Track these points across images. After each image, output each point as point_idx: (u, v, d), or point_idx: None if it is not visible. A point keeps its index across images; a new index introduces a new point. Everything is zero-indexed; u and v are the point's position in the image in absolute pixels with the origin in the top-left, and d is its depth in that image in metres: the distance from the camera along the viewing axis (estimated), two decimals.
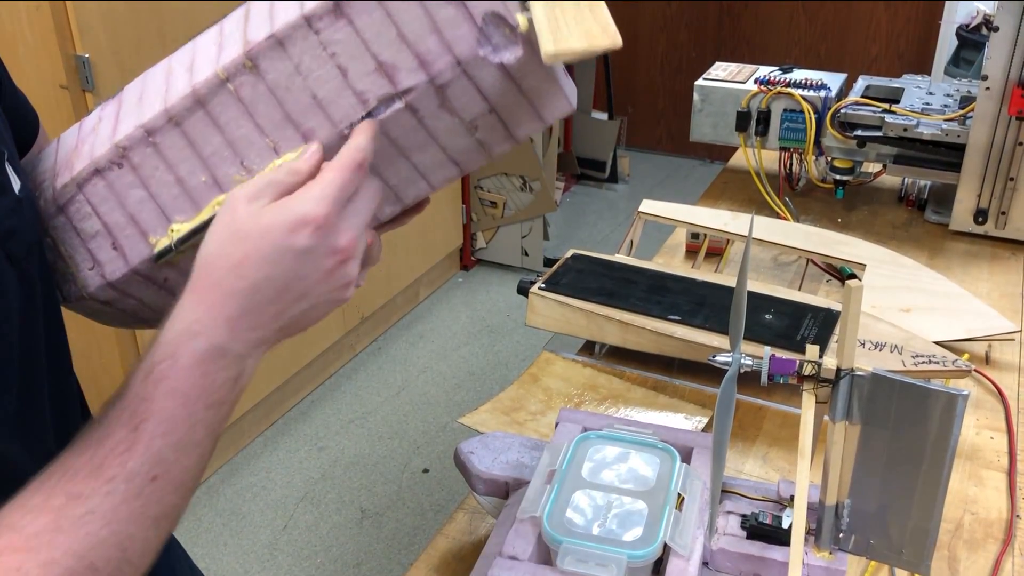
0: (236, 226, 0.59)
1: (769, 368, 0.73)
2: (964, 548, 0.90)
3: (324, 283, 0.60)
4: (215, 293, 0.59)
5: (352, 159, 0.61)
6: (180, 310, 0.59)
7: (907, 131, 1.46)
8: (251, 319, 0.59)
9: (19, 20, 1.84)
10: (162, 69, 0.70)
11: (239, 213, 0.59)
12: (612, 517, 0.74)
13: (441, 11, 0.61)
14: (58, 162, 0.70)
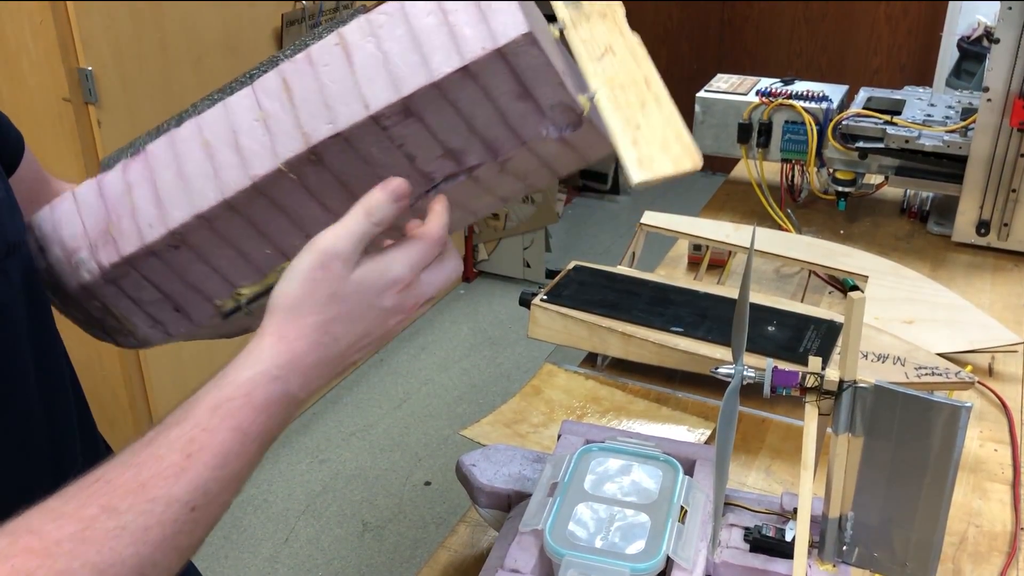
0: (334, 287, 0.61)
1: (772, 380, 0.73)
2: (968, 561, 0.90)
3: (384, 338, 0.64)
4: (302, 343, 0.60)
5: (439, 233, 0.64)
6: (261, 351, 0.60)
7: (909, 143, 1.47)
8: (323, 370, 0.61)
9: (23, 33, 1.84)
10: (196, 139, 0.66)
11: (334, 272, 0.61)
12: (615, 530, 0.74)
13: (513, 108, 0.62)
14: (89, 231, 0.69)
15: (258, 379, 0.58)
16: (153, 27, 2.01)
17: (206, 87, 2.33)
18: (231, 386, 0.58)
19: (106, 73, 1.92)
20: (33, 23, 1.83)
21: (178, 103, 2.21)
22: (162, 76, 2.07)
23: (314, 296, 0.60)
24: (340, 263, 0.60)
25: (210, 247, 0.66)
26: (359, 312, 0.61)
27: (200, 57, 2.15)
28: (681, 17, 4.35)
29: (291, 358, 0.60)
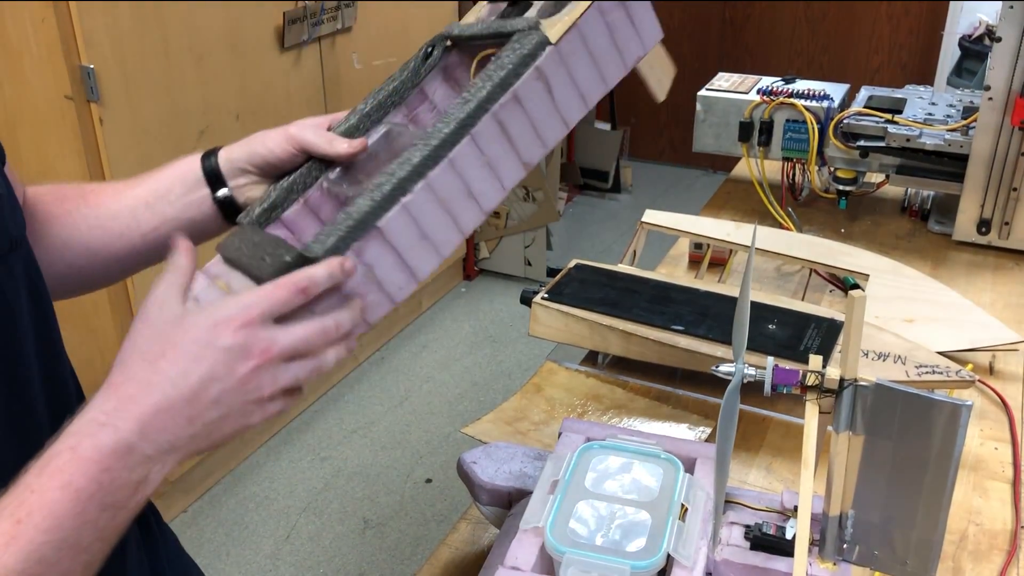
0: (156, 328, 0.59)
1: (772, 378, 0.73)
2: (969, 559, 0.90)
3: (238, 391, 0.59)
4: (130, 386, 0.57)
5: (294, 280, 0.62)
6: (91, 400, 0.57)
7: (910, 141, 1.47)
8: (163, 419, 0.57)
9: (25, 31, 1.84)
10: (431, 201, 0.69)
11: (150, 315, 0.59)
12: (615, 528, 0.74)
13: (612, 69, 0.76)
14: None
15: (84, 429, 0.55)
16: (155, 25, 2.01)
17: (208, 85, 2.34)
18: (60, 441, 0.55)
19: (108, 71, 1.92)
20: (35, 21, 1.83)
21: (180, 101, 2.22)
22: (164, 74, 2.07)
23: (137, 342, 0.58)
24: (157, 307, 0.59)
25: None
26: (192, 350, 0.57)
27: (202, 55, 2.16)
28: (682, 16, 4.35)
29: (118, 403, 0.56)
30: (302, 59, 2.48)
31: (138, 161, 2.03)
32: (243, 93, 2.30)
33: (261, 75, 2.35)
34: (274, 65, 2.39)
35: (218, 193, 0.81)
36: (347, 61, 2.65)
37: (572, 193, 4.22)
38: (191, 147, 2.16)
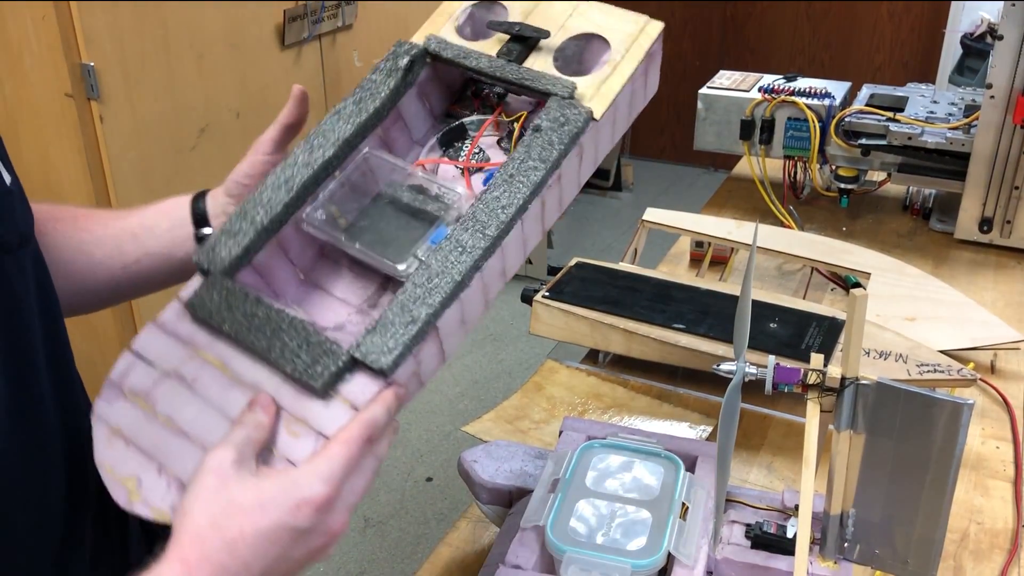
0: (230, 497, 0.56)
1: (773, 377, 0.73)
2: (970, 558, 0.90)
3: (309, 558, 0.59)
4: (205, 568, 0.55)
5: (362, 434, 0.59)
6: (162, 564, 0.55)
7: (911, 140, 1.46)
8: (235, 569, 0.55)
9: (25, 29, 1.84)
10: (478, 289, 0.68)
11: (230, 482, 0.56)
12: (616, 526, 0.74)
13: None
14: None
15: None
16: (155, 23, 2.01)
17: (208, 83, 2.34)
18: None
19: (108, 69, 1.92)
20: (36, 18, 1.83)
21: (180, 99, 2.21)
22: (164, 72, 2.07)
23: (214, 514, 0.56)
24: (228, 464, 0.57)
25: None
26: (269, 531, 0.56)
27: (202, 53, 2.15)
28: (684, 14, 4.34)
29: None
30: (302, 57, 2.48)
31: (138, 159, 2.03)
32: (243, 91, 2.30)
33: (261, 73, 2.35)
34: (275, 63, 2.39)
35: (201, 232, 0.82)
36: (348, 59, 2.64)
37: None
38: (191, 145, 2.17)
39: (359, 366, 0.62)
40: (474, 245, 0.66)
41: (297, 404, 0.62)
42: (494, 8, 0.81)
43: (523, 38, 0.77)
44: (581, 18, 0.79)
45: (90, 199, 1.92)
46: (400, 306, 0.63)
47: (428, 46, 0.78)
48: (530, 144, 0.70)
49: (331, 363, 0.61)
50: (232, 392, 0.63)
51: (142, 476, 0.60)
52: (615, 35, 0.77)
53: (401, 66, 0.76)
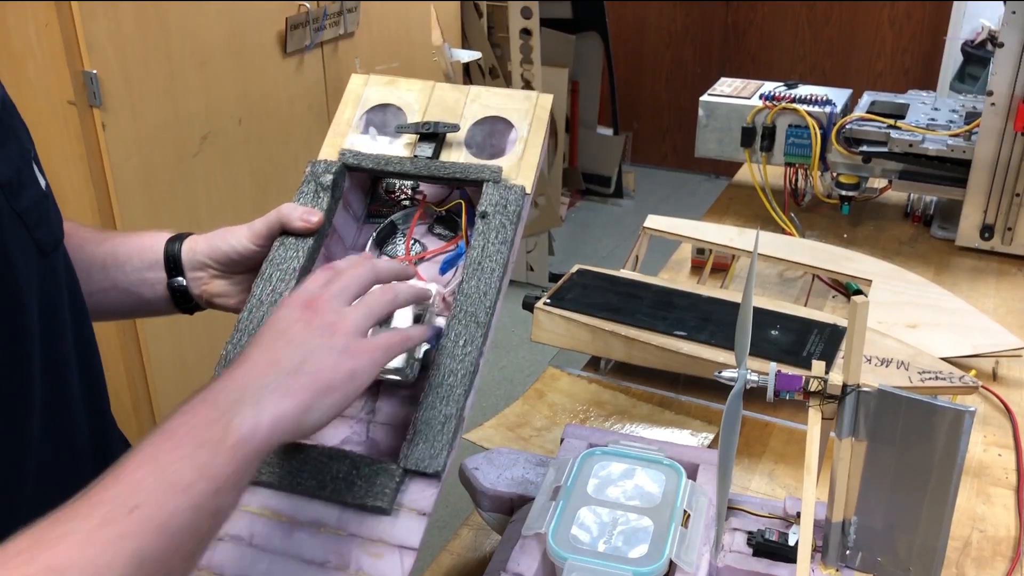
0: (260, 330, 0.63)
1: (775, 384, 0.73)
2: (972, 566, 0.90)
3: (306, 329, 0.61)
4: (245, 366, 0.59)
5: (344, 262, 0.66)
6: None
7: (912, 147, 1.46)
8: (246, 371, 0.59)
9: (28, 36, 1.85)
10: None
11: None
12: (618, 534, 0.73)
13: None
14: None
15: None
16: (158, 30, 2.02)
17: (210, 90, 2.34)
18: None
19: (111, 76, 1.92)
20: (38, 25, 1.83)
21: (182, 106, 2.22)
22: (167, 79, 2.07)
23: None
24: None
25: None
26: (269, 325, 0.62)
27: (204, 60, 2.16)
28: (685, 21, 4.35)
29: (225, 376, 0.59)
30: (305, 64, 2.49)
31: (141, 166, 2.04)
32: (245, 98, 2.30)
33: (264, 80, 2.35)
34: (277, 70, 2.39)
35: (173, 281, 0.82)
36: (350, 66, 2.65)
37: (574, 198, 4.22)
38: (194, 152, 2.17)
39: (412, 475, 0.66)
40: (473, 334, 0.72)
41: (366, 528, 0.64)
42: (388, 109, 0.87)
43: (434, 135, 0.83)
44: (476, 104, 0.85)
45: (92, 206, 1.93)
46: (429, 410, 0.68)
47: (345, 160, 0.83)
48: (485, 231, 0.77)
49: (390, 481, 0.65)
50: (297, 534, 0.64)
51: None
52: (514, 114, 0.84)
53: (328, 184, 0.81)
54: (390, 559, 0.63)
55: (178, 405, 0.57)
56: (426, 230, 0.87)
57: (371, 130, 0.86)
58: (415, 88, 0.88)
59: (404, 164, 0.82)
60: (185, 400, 0.57)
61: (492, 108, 0.85)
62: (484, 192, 0.79)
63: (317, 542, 0.64)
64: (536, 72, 3.29)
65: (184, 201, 2.15)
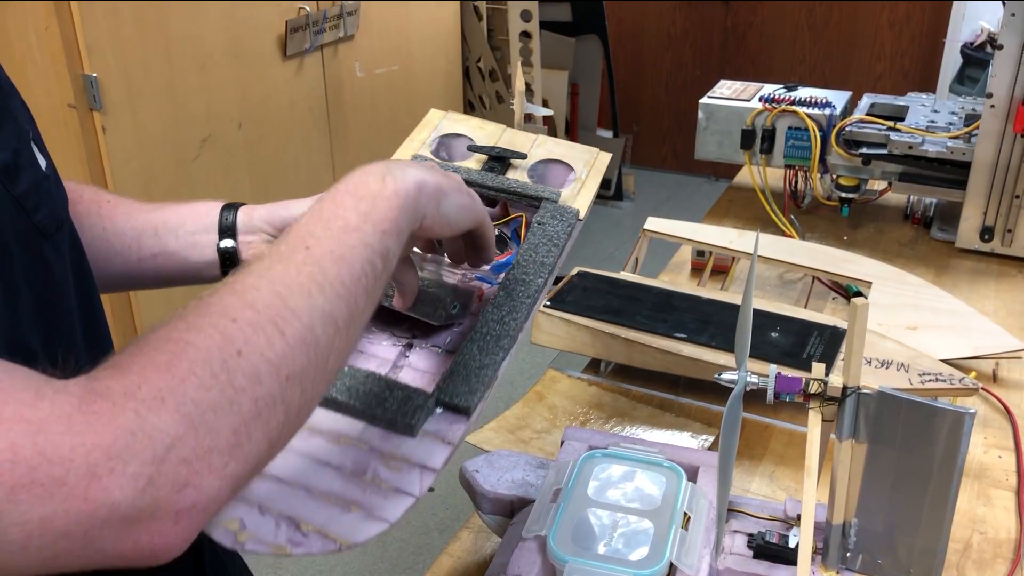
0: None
1: (775, 386, 0.73)
2: (973, 568, 0.90)
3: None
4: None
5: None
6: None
7: (912, 149, 1.47)
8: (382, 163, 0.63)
9: (28, 40, 1.85)
10: None
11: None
12: (618, 536, 0.73)
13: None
14: None
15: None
16: (158, 34, 2.02)
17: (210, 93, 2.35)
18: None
19: (111, 80, 1.93)
20: (38, 29, 1.83)
21: (182, 109, 2.22)
22: (166, 82, 2.07)
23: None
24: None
25: None
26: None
27: (204, 64, 2.16)
28: (685, 23, 4.35)
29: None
30: (304, 67, 2.49)
31: (141, 169, 2.04)
32: (245, 101, 2.30)
33: (264, 83, 2.35)
34: (277, 73, 2.40)
35: (222, 243, 0.82)
36: (350, 69, 2.65)
37: None
38: (194, 156, 2.17)
39: (443, 408, 0.67)
40: (533, 282, 0.76)
41: (388, 444, 0.65)
42: (460, 138, 0.94)
43: (501, 159, 0.90)
44: (542, 148, 0.93)
45: None
46: (467, 356, 0.70)
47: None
48: (538, 232, 0.82)
49: (421, 405, 0.65)
50: (316, 440, 0.65)
51: (244, 518, 0.60)
52: (575, 161, 0.92)
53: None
54: (408, 474, 0.63)
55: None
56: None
57: (442, 153, 0.92)
58: (487, 128, 0.95)
59: (472, 174, 0.87)
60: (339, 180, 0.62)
61: (556, 153, 0.93)
62: (543, 207, 0.85)
63: (336, 448, 0.64)
64: (536, 75, 3.30)
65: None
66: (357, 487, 0.62)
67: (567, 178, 0.91)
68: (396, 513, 0.61)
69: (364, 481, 0.62)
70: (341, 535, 0.59)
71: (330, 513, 0.60)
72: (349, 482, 0.62)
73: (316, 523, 0.59)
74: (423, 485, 0.62)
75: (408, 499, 0.61)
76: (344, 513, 0.60)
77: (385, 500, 0.61)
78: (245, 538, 0.59)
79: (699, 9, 4.29)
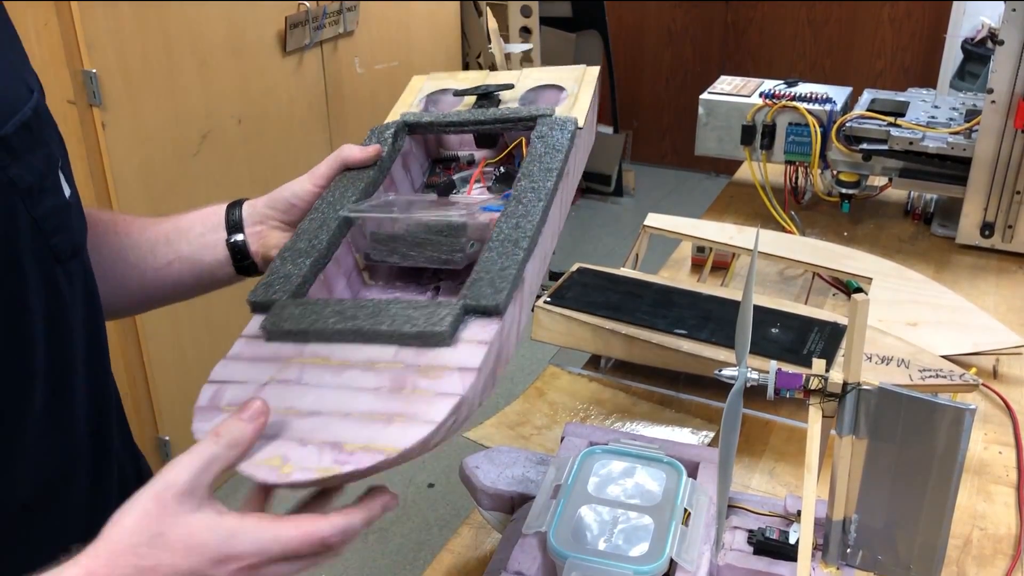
0: (161, 530, 0.54)
1: (775, 382, 0.73)
2: (973, 564, 0.90)
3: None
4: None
5: (330, 532, 0.57)
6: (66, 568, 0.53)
7: (913, 144, 1.46)
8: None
9: (27, 35, 1.85)
10: None
11: (166, 513, 0.54)
12: (618, 532, 0.73)
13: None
14: None
15: None
16: (157, 30, 2.02)
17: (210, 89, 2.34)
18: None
19: (110, 76, 1.92)
20: (38, 25, 1.83)
21: (182, 105, 2.22)
22: (166, 78, 2.07)
23: (138, 533, 0.53)
24: (173, 494, 0.54)
25: None
26: (185, 569, 0.54)
27: (204, 59, 2.16)
28: (685, 19, 4.35)
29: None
30: (304, 63, 2.49)
31: (140, 165, 2.04)
32: (245, 97, 2.30)
33: (263, 79, 2.35)
34: (276, 69, 2.39)
35: (232, 238, 0.84)
36: (349, 65, 2.65)
37: (574, 197, 4.22)
38: (194, 151, 2.17)
39: (472, 315, 0.65)
40: (542, 187, 0.74)
41: (424, 358, 0.63)
42: (446, 93, 0.93)
43: (488, 95, 0.89)
44: (528, 79, 0.91)
45: (92, 205, 1.93)
46: (487, 262, 0.68)
47: (406, 119, 0.89)
48: (539, 144, 0.80)
49: (449, 311, 0.64)
50: (348, 372, 0.63)
51: (286, 452, 0.58)
52: (564, 82, 0.90)
53: (388, 136, 0.87)
54: (449, 378, 0.61)
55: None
56: (484, 189, 0.90)
57: (431, 109, 0.91)
58: (470, 76, 0.95)
59: (461, 115, 0.86)
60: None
61: (543, 80, 0.90)
62: (538, 124, 0.83)
63: (370, 373, 0.62)
64: None
65: (184, 200, 2.15)
66: (397, 400, 0.60)
67: (559, 98, 0.89)
68: (441, 413, 0.58)
69: (404, 394, 0.60)
70: (389, 444, 0.57)
71: (373, 429, 0.58)
72: (388, 399, 0.60)
73: (360, 441, 0.57)
74: (464, 383, 0.60)
75: (451, 399, 0.59)
76: (387, 426, 0.58)
77: (428, 405, 0.59)
78: (289, 470, 0.57)
79: (699, 5, 4.29)
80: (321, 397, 0.61)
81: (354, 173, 0.84)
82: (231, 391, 0.63)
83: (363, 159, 0.84)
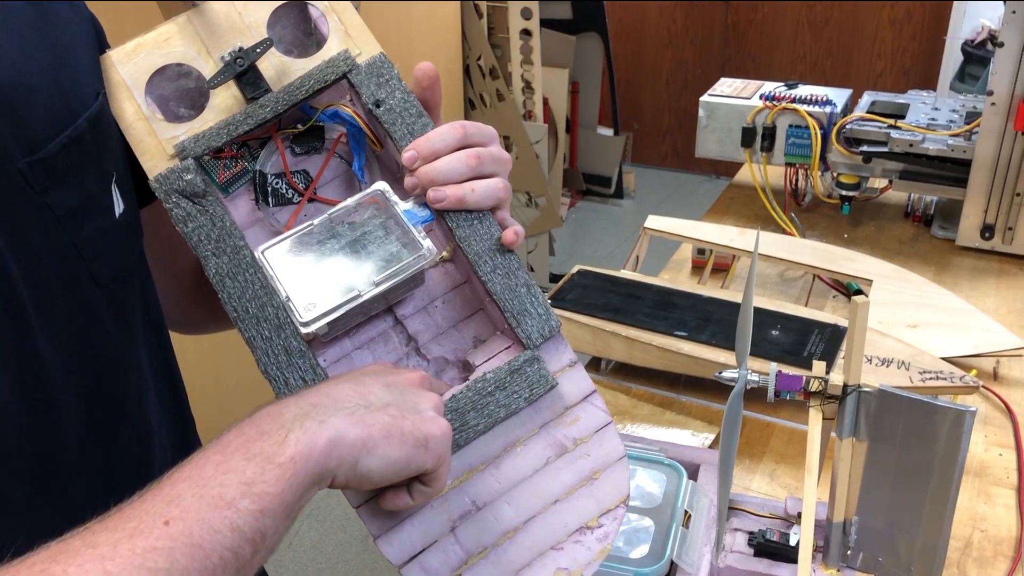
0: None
1: (776, 384, 0.73)
2: (973, 566, 0.90)
3: (402, 387, 0.58)
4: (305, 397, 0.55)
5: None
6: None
7: (913, 147, 1.46)
8: (326, 390, 0.56)
9: None
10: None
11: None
12: (619, 534, 0.73)
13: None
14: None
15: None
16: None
17: None
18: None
19: None
20: None
21: None
22: None
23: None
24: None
25: None
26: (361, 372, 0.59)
27: None
28: (685, 21, 4.35)
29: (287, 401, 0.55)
30: None
31: None
32: None
33: None
34: None
35: None
36: None
37: (575, 199, 4.22)
38: None
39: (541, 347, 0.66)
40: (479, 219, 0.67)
41: (547, 412, 0.66)
42: (166, 73, 0.70)
43: (249, 69, 0.67)
44: (251, 6, 0.70)
45: None
46: (503, 291, 0.65)
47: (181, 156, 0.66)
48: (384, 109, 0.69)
49: (533, 364, 0.64)
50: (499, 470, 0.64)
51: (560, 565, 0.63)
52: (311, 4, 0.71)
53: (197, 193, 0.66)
54: (588, 407, 0.67)
55: (244, 416, 0.54)
56: (290, 156, 0.71)
57: (181, 110, 0.69)
58: (172, 33, 0.70)
59: (255, 114, 0.67)
60: (251, 411, 0.54)
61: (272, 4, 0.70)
62: (358, 85, 0.69)
63: (527, 455, 0.64)
64: (536, 72, 3.29)
65: None
66: (568, 461, 0.64)
67: (315, 17, 0.71)
68: (615, 439, 0.67)
69: (569, 452, 0.65)
70: (613, 497, 0.64)
71: (589, 496, 0.63)
72: (561, 464, 0.64)
73: (592, 514, 0.63)
74: (601, 405, 0.68)
75: (608, 424, 0.67)
76: (593, 483, 0.64)
77: (600, 445, 0.66)
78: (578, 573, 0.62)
79: (700, 7, 4.29)
80: (516, 502, 0.63)
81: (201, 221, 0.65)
82: (432, 558, 0.61)
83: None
